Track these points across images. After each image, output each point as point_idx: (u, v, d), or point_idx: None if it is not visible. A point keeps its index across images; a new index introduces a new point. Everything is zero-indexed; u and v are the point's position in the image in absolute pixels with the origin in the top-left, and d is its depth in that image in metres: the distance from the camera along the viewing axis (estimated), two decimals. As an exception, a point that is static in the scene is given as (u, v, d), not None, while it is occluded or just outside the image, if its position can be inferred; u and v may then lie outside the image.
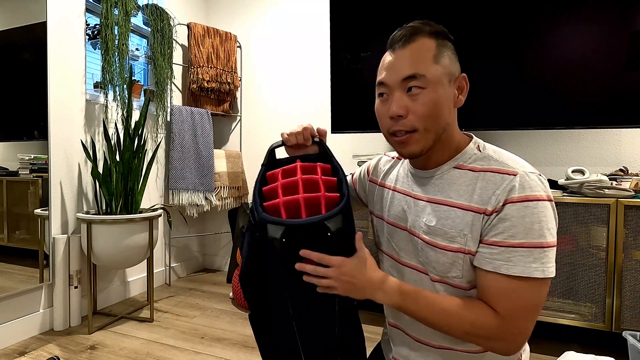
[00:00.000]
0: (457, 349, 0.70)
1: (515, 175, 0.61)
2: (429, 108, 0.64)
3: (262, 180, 0.74)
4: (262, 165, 0.77)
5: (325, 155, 0.78)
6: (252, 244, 0.69)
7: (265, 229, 0.63)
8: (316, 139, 0.80)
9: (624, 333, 1.32)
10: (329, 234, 0.60)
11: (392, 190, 0.79)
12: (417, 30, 0.66)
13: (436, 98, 0.64)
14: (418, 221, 0.70)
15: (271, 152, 0.79)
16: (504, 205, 0.60)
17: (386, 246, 0.80)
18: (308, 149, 0.81)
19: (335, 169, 0.73)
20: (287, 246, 0.62)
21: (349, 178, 0.94)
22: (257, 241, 0.67)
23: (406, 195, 0.75)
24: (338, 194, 0.67)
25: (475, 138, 0.72)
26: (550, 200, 0.61)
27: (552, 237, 0.60)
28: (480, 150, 0.68)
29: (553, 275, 0.60)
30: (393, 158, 0.86)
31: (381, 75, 0.68)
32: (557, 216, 0.62)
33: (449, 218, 0.66)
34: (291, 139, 0.79)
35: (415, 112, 0.64)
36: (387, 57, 0.69)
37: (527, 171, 0.62)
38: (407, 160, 0.79)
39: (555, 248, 0.60)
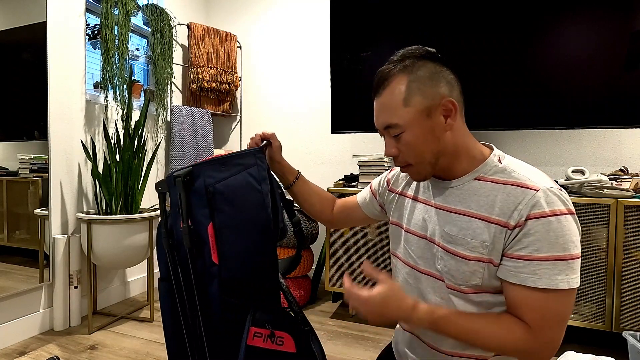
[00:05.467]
0: (466, 354, 0.71)
1: (537, 190, 0.63)
2: (411, 147, 0.71)
3: None
4: None
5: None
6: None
7: None
8: (265, 141, 0.96)
9: (624, 333, 1.31)
10: (187, 177, 0.76)
11: (413, 199, 0.82)
12: (387, 76, 0.71)
13: (414, 137, 0.70)
14: (438, 230, 0.72)
15: None
16: (526, 220, 0.63)
17: (403, 254, 0.82)
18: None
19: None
20: (163, 193, 0.80)
21: (367, 188, 1.00)
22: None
23: (427, 204, 0.77)
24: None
25: (495, 150, 0.74)
26: (572, 213, 0.63)
27: (575, 249, 0.62)
28: (500, 162, 0.70)
29: (578, 285, 0.62)
30: None
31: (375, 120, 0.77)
32: (579, 227, 0.64)
33: (470, 228, 0.68)
34: (249, 143, 0.97)
35: (402, 151, 0.72)
36: (374, 103, 0.76)
37: (548, 187, 0.64)
38: None
39: (579, 259, 0.62)
